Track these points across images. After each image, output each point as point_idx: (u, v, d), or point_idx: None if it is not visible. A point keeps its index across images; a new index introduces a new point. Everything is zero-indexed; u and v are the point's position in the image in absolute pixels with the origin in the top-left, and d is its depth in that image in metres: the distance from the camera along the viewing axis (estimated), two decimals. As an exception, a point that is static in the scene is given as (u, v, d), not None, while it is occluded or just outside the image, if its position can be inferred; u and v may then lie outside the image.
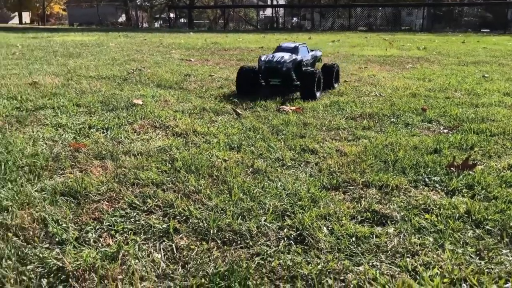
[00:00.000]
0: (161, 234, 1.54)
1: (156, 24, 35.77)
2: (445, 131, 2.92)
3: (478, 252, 1.44)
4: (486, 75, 5.42)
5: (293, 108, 3.44)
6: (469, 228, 1.60)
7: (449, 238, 1.52)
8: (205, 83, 4.73)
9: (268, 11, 34.19)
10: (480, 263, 1.39)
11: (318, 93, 3.89)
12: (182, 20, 32.97)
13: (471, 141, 2.61)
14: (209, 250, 1.45)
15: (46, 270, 1.32)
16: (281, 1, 34.66)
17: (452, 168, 2.14)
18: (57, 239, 1.49)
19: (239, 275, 1.30)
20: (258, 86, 4.06)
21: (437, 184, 1.99)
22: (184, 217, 1.66)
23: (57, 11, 43.26)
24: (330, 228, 1.59)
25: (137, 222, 1.62)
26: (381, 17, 26.97)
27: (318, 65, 4.58)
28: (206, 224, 1.59)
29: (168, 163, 2.20)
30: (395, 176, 2.07)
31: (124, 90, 4.13)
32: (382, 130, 2.91)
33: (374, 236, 1.54)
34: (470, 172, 2.10)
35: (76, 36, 14.46)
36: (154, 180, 1.97)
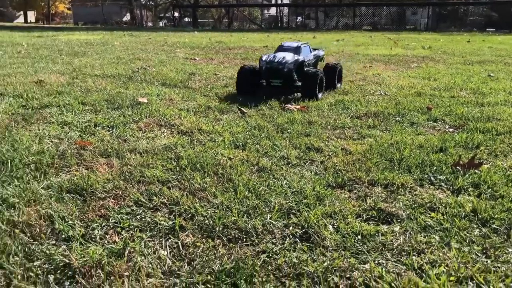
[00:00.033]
0: (167, 231, 1.55)
1: (161, 23, 35.80)
2: (451, 130, 2.91)
3: (485, 250, 1.44)
4: (491, 74, 5.40)
5: (298, 106, 3.43)
6: (475, 226, 1.59)
7: (455, 236, 1.52)
8: (210, 81, 4.74)
9: (273, 10, 34.18)
10: (487, 261, 1.38)
11: (320, 94, 3.84)
12: (186, 19, 32.95)
13: (477, 140, 2.60)
14: (215, 248, 1.45)
15: (53, 267, 1.33)
16: (286, 0, 34.59)
17: (458, 167, 2.13)
18: (63, 236, 1.50)
19: (245, 272, 1.30)
20: (259, 86, 3.98)
21: (443, 183, 1.98)
22: (190, 215, 1.66)
23: (62, 10, 43.38)
24: (335, 226, 1.59)
25: (143, 219, 1.63)
26: (385, 16, 26.88)
27: (320, 65, 4.56)
28: (211, 222, 1.60)
29: (173, 161, 2.20)
30: (400, 174, 2.06)
31: (129, 89, 4.14)
32: (387, 129, 2.90)
33: (380, 234, 1.54)
34: (476, 171, 2.09)
35: (81, 35, 14.51)
36: (159, 178, 1.98)
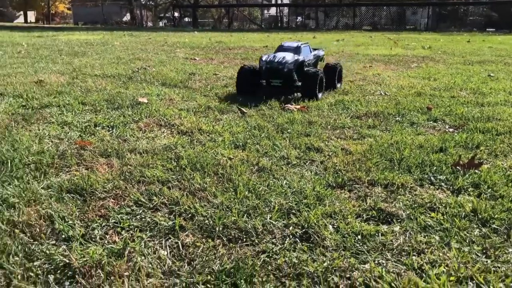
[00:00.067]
0: (167, 231, 1.55)
1: (161, 23, 35.80)
2: (451, 130, 2.91)
3: (485, 250, 1.44)
4: (491, 74, 5.40)
5: (298, 106, 3.43)
6: (475, 226, 1.59)
7: (455, 236, 1.52)
8: (210, 81, 4.74)
9: (273, 10, 34.18)
10: (487, 261, 1.38)
11: (320, 94, 3.84)
12: (186, 19, 32.96)
13: (477, 140, 2.60)
14: (215, 248, 1.45)
15: (53, 267, 1.33)
16: (286, 0, 34.61)
17: (458, 167, 2.13)
18: (63, 236, 1.50)
19: (245, 272, 1.30)
20: (259, 86, 3.98)
21: (443, 183, 1.98)
22: (190, 215, 1.66)
23: (62, 10, 43.38)
24: (335, 226, 1.59)
25: (143, 219, 1.63)
26: (385, 16, 26.88)
27: (320, 65, 4.56)
28: (211, 222, 1.60)
29: (173, 161, 2.20)
30: (400, 174, 2.06)
31: (129, 89, 4.14)
32: (387, 129, 2.90)
33: (379, 234, 1.54)
34: (476, 171, 2.09)
35: (81, 35, 14.51)
36: (159, 178, 1.98)
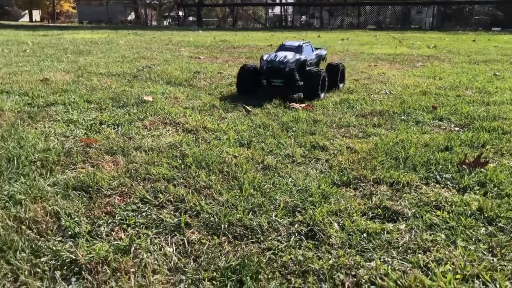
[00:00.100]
0: (173, 228, 1.55)
1: (165, 22, 35.82)
2: (456, 129, 2.90)
3: (491, 249, 1.44)
4: (497, 73, 5.37)
5: (303, 105, 3.43)
6: (481, 225, 1.59)
7: (461, 234, 1.52)
8: (215, 80, 4.74)
9: (277, 9, 34.19)
10: (493, 260, 1.38)
11: (322, 94, 3.78)
12: (191, 18, 32.97)
13: (482, 139, 2.59)
14: (220, 245, 1.45)
15: (59, 263, 1.34)
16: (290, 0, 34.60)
17: (463, 166, 2.12)
18: (69, 233, 1.50)
19: (251, 269, 1.30)
20: (260, 86, 3.93)
21: (449, 181, 1.98)
22: (195, 212, 1.66)
23: (67, 9, 43.49)
24: (341, 224, 1.59)
25: (149, 216, 1.63)
26: (390, 16, 26.80)
27: (322, 64, 4.52)
28: (217, 219, 1.60)
29: (178, 159, 2.21)
30: (406, 173, 2.06)
31: (134, 87, 4.15)
32: (392, 127, 2.89)
33: (385, 232, 1.53)
34: (482, 169, 2.08)
35: (86, 34, 14.55)
36: (165, 176, 1.98)
